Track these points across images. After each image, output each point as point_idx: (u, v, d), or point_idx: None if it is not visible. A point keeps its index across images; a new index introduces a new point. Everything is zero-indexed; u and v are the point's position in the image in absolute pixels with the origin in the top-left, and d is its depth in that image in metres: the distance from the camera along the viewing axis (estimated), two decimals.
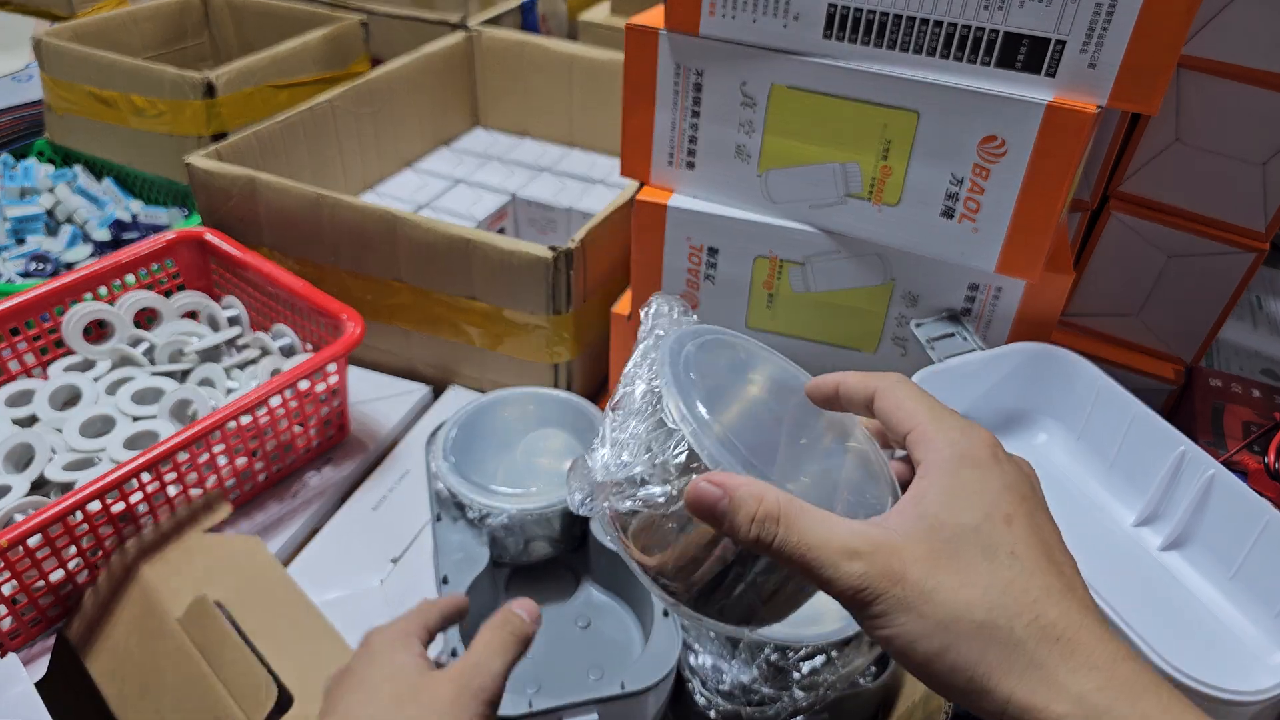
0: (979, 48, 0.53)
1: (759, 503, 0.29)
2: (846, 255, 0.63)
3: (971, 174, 0.56)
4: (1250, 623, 0.51)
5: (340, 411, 0.74)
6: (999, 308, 0.62)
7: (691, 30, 0.59)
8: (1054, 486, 0.59)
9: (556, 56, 1.08)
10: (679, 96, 0.62)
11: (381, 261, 0.79)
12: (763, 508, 0.29)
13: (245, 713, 0.52)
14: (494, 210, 0.97)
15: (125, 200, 1.07)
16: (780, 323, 0.68)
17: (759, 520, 0.29)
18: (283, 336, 0.77)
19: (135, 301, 0.78)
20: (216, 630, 0.55)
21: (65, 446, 0.68)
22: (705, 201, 0.65)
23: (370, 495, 0.72)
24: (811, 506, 0.29)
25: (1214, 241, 0.67)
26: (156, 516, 0.63)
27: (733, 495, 0.29)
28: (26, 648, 0.59)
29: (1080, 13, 0.50)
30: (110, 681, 0.57)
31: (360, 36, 1.15)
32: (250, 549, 0.63)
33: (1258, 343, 0.81)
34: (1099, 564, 0.53)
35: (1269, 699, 0.42)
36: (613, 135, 1.03)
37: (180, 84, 0.98)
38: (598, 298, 0.79)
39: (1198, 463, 0.54)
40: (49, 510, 0.55)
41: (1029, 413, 0.62)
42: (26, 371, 0.75)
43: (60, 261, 0.98)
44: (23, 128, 1.18)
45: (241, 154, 0.86)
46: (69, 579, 0.59)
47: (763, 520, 0.29)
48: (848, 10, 0.55)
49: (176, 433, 0.61)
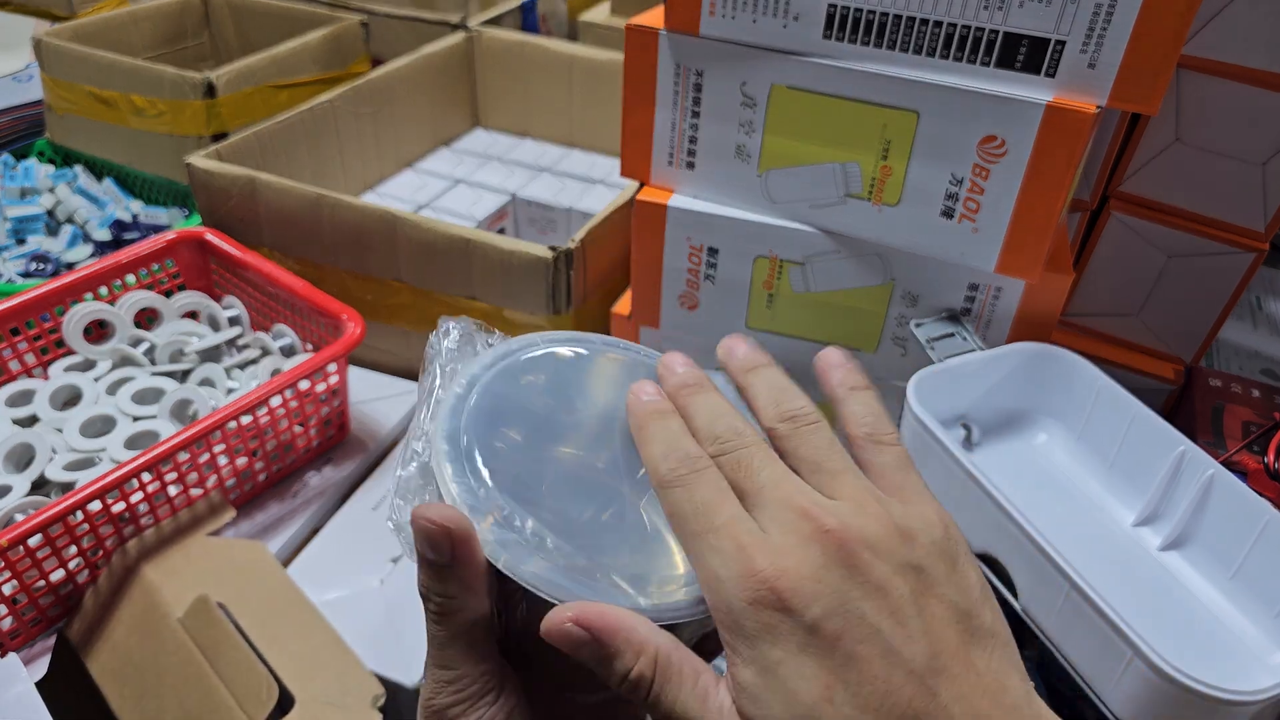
0: (978, 48, 0.53)
1: (636, 659, 0.26)
2: (846, 255, 0.63)
3: (971, 174, 0.56)
4: (1250, 623, 0.51)
5: (340, 411, 0.74)
6: (999, 308, 0.62)
7: (691, 30, 0.59)
8: (1054, 487, 0.59)
9: (556, 57, 1.08)
10: (679, 96, 0.62)
11: (382, 261, 0.79)
12: (640, 665, 0.26)
13: (246, 713, 0.52)
14: (494, 210, 0.97)
15: (125, 200, 1.07)
16: (780, 323, 0.68)
17: (637, 674, 0.26)
18: (283, 336, 0.77)
19: (135, 301, 0.78)
20: (218, 630, 0.55)
21: (66, 446, 0.68)
22: (705, 201, 0.65)
23: (370, 495, 0.72)
24: (691, 671, 0.26)
25: (1214, 241, 0.67)
26: (157, 516, 0.63)
27: (611, 641, 0.26)
28: (27, 647, 0.59)
29: (1080, 13, 0.50)
30: (111, 681, 0.57)
31: (360, 37, 1.15)
32: (253, 553, 0.63)
33: (1258, 343, 0.81)
34: (1099, 564, 0.53)
35: (1269, 699, 0.42)
36: (613, 135, 1.03)
37: (180, 84, 0.98)
38: (598, 298, 0.79)
39: (1197, 463, 0.54)
40: (49, 510, 0.55)
41: (1029, 413, 0.62)
42: (27, 371, 0.75)
43: (61, 261, 0.98)
44: (23, 128, 1.18)
45: (241, 154, 0.86)
46: (69, 579, 0.60)
47: (635, 683, 0.26)
48: (848, 10, 0.55)
49: (177, 433, 0.61)
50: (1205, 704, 0.42)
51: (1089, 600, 0.45)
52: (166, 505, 0.63)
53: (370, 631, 0.60)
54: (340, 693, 0.54)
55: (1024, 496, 0.49)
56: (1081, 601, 0.45)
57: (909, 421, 0.56)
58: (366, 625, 0.61)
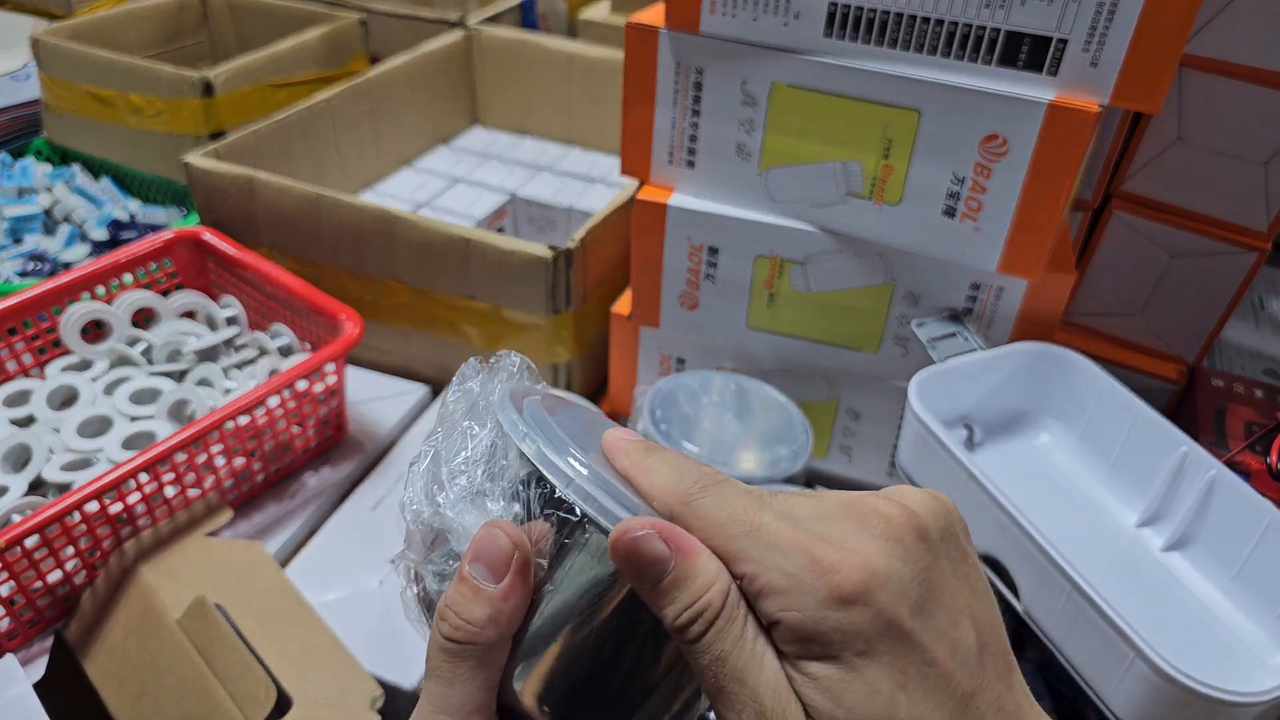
0: (980, 46, 0.53)
1: (707, 589, 0.24)
2: (847, 254, 0.63)
3: (973, 173, 0.56)
4: (1252, 623, 0.51)
5: (338, 412, 0.74)
6: (1001, 307, 0.61)
7: (692, 28, 0.59)
8: (1056, 487, 0.59)
9: (556, 55, 1.07)
10: (679, 95, 0.61)
11: (380, 261, 0.79)
12: (709, 596, 0.24)
13: (245, 714, 0.52)
14: (493, 209, 0.97)
15: (123, 199, 1.07)
16: (781, 322, 0.68)
17: (704, 604, 0.24)
18: (281, 336, 0.77)
19: (133, 301, 0.77)
20: (216, 631, 0.55)
21: (63, 447, 0.68)
22: (705, 200, 0.65)
23: (369, 496, 0.71)
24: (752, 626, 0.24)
25: (1216, 241, 0.67)
26: (155, 517, 0.63)
27: (686, 562, 0.24)
28: (24, 649, 0.59)
29: (1082, 11, 0.49)
30: (108, 683, 0.56)
31: (359, 35, 1.15)
32: (251, 554, 0.63)
33: (1260, 343, 0.80)
34: (1100, 565, 0.53)
35: (1271, 700, 0.42)
36: (612, 134, 1.03)
37: (178, 83, 0.97)
38: (598, 297, 0.78)
39: (1200, 463, 0.54)
40: (46, 511, 0.55)
41: (1030, 413, 0.62)
42: (24, 371, 0.75)
43: (58, 261, 0.98)
44: (20, 127, 1.17)
45: (239, 153, 0.86)
46: (66, 580, 0.59)
47: (700, 612, 0.24)
48: (849, 8, 0.54)
49: (174, 433, 0.61)
50: (1207, 705, 0.41)
51: (1091, 601, 0.45)
52: (164, 506, 0.63)
53: (369, 632, 0.60)
54: (338, 694, 0.54)
55: (1026, 497, 0.49)
56: (1083, 603, 0.45)
57: (910, 422, 0.56)
58: (365, 626, 0.60)
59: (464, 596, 0.26)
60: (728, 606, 0.24)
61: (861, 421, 0.72)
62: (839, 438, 0.74)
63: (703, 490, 0.26)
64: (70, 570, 0.59)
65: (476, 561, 0.25)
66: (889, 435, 0.71)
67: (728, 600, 0.24)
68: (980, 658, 0.25)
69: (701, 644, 0.24)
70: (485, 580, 0.25)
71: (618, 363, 0.78)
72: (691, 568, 0.24)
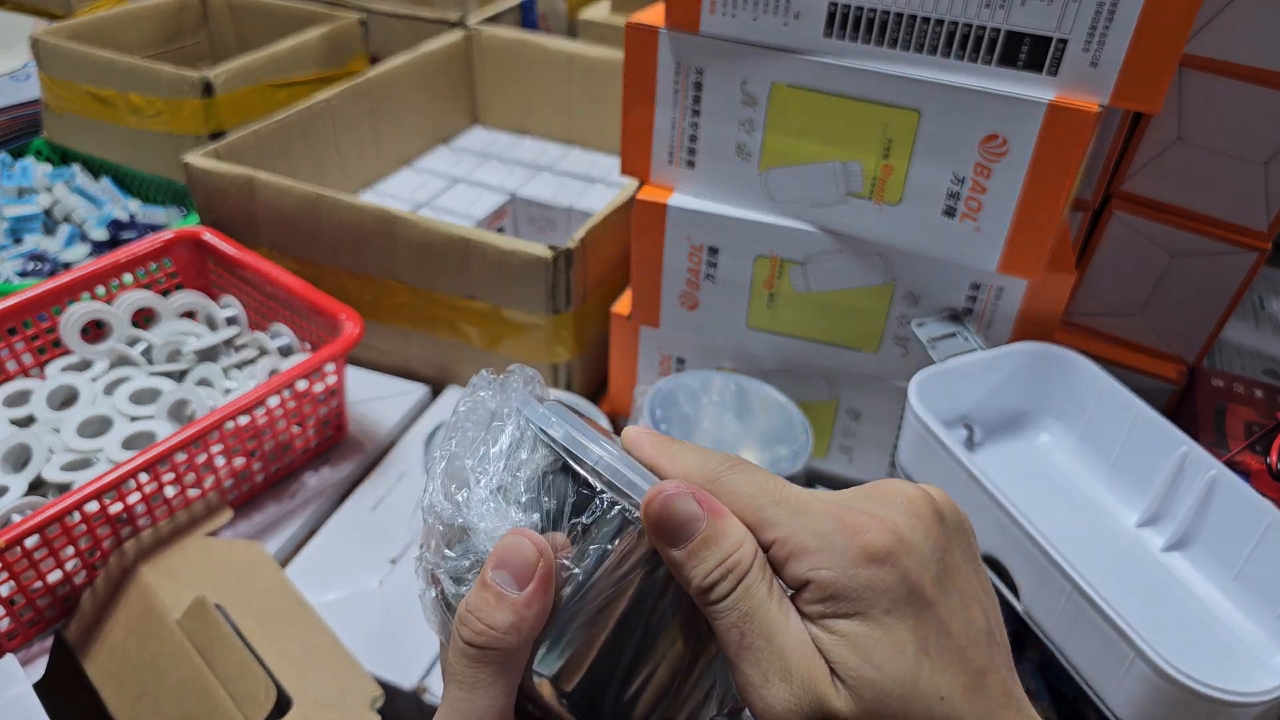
0: (980, 46, 0.53)
1: (738, 548, 0.25)
2: (848, 254, 0.63)
3: (973, 173, 0.56)
4: (1252, 623, 0.51)
5: (338, 412, 0.74)
6: (1001, 307, 0.61)
7: (692, 28, 0.59)
8: (1056, 487, 0.59)
9: (556, 55, 1.07)
10: (679, 95, 0.61)
11: (380, 261, 0.79)
12: (740, 554, 0.25)
13: (244, 714, 0.52)
14: (493, 209, 0.97)
15: (123, 199, 1.07)
16: (781, 322, 0.68)
17: (734, 561, 0.25)
18: (281, 336, 0.77)
19: (133, 301, 0.77)
20: (216, 631, 0.55)
21: (63, 447, 0.68)
22: (705, 200, 0.65)
23: (369, 496, 0.71)
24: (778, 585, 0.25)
25: (1216, 241, 0.67)
26: (155, 517, 0.63)
27: (718, 521, 0.25)
28: (24, 649, 0.59)
29: (1082, 11, 0.49)
30: (108, 683, 0.56)
31: (359, 35, 1.15)
32: (251, 554, 0.63)
33: (1260, 343, 0.80)
34: (1101, 565, 0.53)
35: (1271, 700, 0.42)
36: (612, 134, 1.03)
37: (178, 83, 0.97)
38: (598, 297, 0.78)
39: (1200, 463, 0.54)
40: (46, 511, 0.55)
41: (1031, 413, 0.62)
42: (24, 371, 0.75)
43: (58, 261, 0.98)
44: (20, 127, 1.17)
45: (239, 153, 0.86)
46: (66, 580, 0.59)
47: (729, 570, 0.25)
48: (848, 8, 0.54)
49: (174, 433, 0.61)
50: (1207, 705, 0.41)
51: (1091, 602, 0.45)
52: (164, 506, 0.63)
53: (368, 633, 0.60)
54: (338, 694, 0.54)
55: (1026, 497, 0.49)
56: (1084, 603, 0.45)
57: (910, 422, 0.56)
58: (365, 626, 0.60)
59: (486, 602, 0.26)
60: (756, 565, 0.25)
61: (861, 421, 0.72)
62: (839, 438, 0.74)
63: (730, 469, 0.27)
64: (70, 570, 0.59)
65: (500, 568, 0.26)
66: (889, 435, 0.71)
67: (756, 559, 0.25)
68: (989, 643, 0.25)
69: (729, 600, 0.25)
70: (509, 587, 0.25)
71: (618, 363, 0.78)
72: (723, 527, 0.25)
